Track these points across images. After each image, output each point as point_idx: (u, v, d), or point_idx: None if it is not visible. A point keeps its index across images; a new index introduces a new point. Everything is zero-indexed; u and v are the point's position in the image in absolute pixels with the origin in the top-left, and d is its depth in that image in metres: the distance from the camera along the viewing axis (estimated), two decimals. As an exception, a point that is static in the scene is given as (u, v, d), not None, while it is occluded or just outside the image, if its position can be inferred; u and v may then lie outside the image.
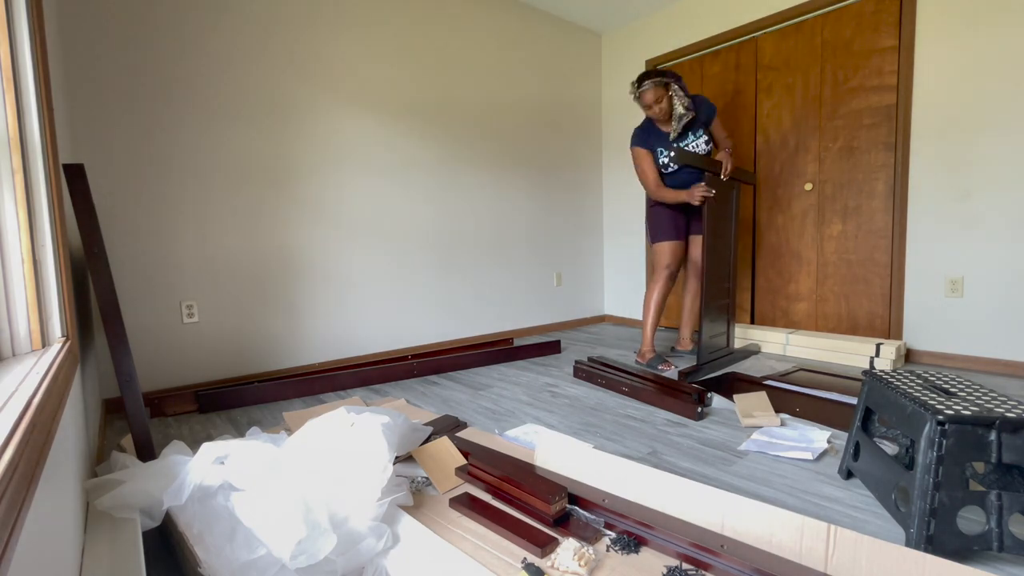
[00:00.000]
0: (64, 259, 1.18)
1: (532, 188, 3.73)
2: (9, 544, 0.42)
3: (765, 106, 3.24)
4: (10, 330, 0.95)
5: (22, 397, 0.65)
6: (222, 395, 2.16)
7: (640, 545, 1.07)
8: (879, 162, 2.79)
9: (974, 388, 1.19)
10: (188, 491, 1.12)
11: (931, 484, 1.03)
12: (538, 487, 1.18)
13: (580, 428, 1.87)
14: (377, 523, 1.08)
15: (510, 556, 1.04)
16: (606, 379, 2.34)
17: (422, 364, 2.63)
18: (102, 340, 2.16)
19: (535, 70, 3.69)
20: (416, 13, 3.04)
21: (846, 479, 1.41)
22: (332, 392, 2.37)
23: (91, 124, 2.09)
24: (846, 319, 2.99)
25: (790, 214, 3.18)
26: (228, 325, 2.46)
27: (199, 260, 2.37)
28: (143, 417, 1.50)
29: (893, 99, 2.72)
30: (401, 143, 3.02)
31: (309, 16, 2.64)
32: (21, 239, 0.95)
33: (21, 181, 0.96)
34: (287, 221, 2.61)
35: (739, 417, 1.89)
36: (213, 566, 0.94)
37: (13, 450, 0.49)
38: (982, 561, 1.06)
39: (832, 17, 2.92)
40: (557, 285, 3.96)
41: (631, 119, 3.98)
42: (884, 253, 2.81)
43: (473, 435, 1.71)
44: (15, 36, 0.98)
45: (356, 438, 1.23)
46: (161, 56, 2.23)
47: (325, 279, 2.75)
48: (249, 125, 2.47)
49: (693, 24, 3.53)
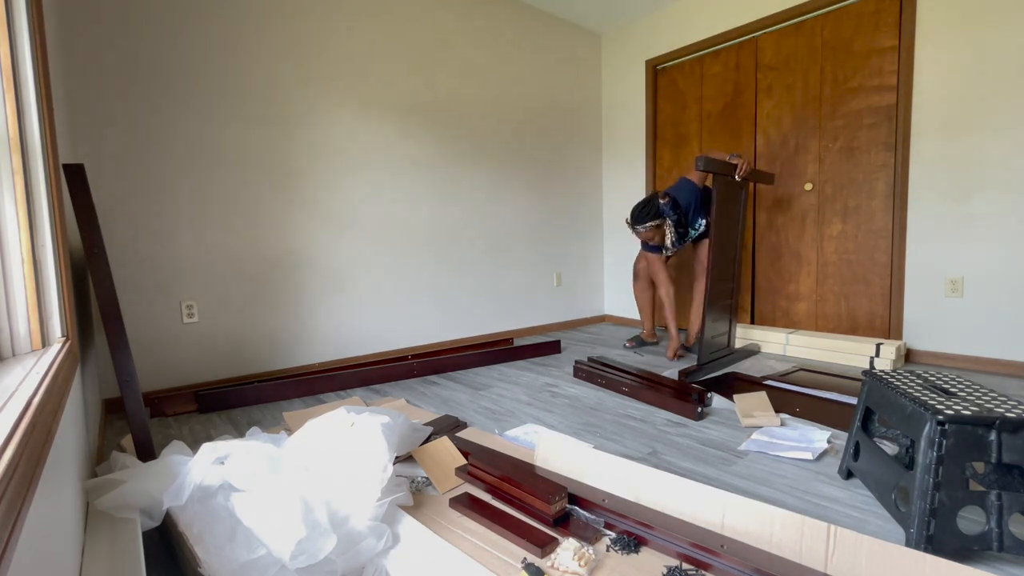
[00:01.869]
0: (64, 259, 1.18)
1: (532, 188, 3.73)
2: (9, 544, 0.42)
3: (765, 106, 3.24)
4: (10, 330, 0.95)
5: (22, 397, 0.65)
6: (222, 395, 2.16)
7: (640, 545, 1.07)
8: (879, 162, 2.79)
9: (974, 388, 1.19)
10: (188, 491, 1.12)
11: (931, 484, 1.03)
12: (538, 487, 1.18)
13: (580, 428, 1.87)
14: (377, 523, 1.08)
15: (510, 556, 1.04)
16: (606, 379, 2.34)
17: (422, 364, 2.63)
18: (102, 340, 2.16)
19: (535, 70, 3.69)
20: (416, 12, 3.04)
21: (846, 479, 1.41)
22: (332, 392, 2.37)
23: (91, 124, 2.09)
24: (846, 319, 2.99)
25: (790, 214, 3.18)
26: (228, 325, 2.46)
27: (199, 260, 2.37)
28: (143, 417, 1.50)
29: (893, 99, 2.72)
30: (401, 142, 3.02)
31: (309, 19, 2.64)
32: (21, 239, 0.95)
33: (21, 181, 0.96)
34: (287, 221, 2.61)
35: (739, 417, 1.89)
36: (213, 566, 0.94)
37: (13, 450, 0.49)
38: (982, 561, 1.06)
39: (832, 17, 2.92)
40: (557, 285, 3.96)
41: (631, 119, 3.98)
42: (884, 253, 2.81)
43: (473, 435, 1.71)
44: (15, 36, 0.98)
45: (356, 438, 1.23)
46: (161, 56, 2.23)
47: (325, 279, 2.75)
48: (249, 125, 2.47)
49: (693, 24, 3.53)
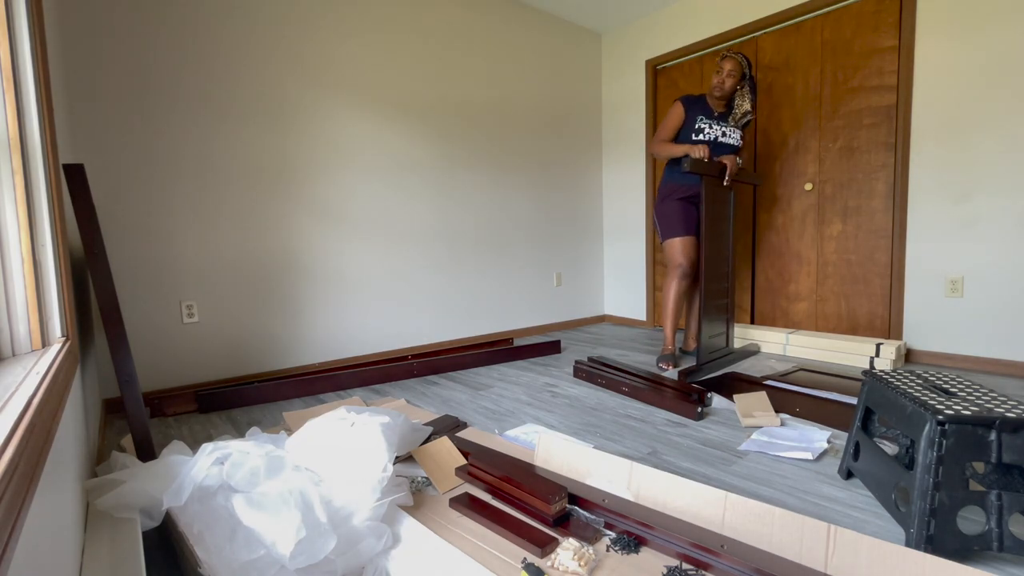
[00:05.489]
0: (64, 259, 1.18)
1: (532, 188, 3.73)
2: (9, 544, 0.42)
3: (765, 106, 3.24)
4: (10, 330, 0.95)
5: (22, 397, 0.65)
6: (222, 395, 2.16)
7: (640, 545, 1.07)
8: (879, 162, 2.79)
9: (974, 388, 1.19)
10: (188, 491, 1.12)
11: (931, 484, 1.03)
12: (538, 487, 1.18)
13: (580, 428, 1.87)
14: (377, 523, 1.08)
15: (510, 556, 1.04)
16: (606, 379, 2.34)
17: (422, 364, 2.63)
18: (102, 340, 2.16)
19: (535, 70, 3.69)
20: (416, 13, 3.04)
21: (846, 479, 1.41)
22: (332, 392, 2.37)
23: (91, 124, 2.09)
24: (846, 319, 2.99)
25: (790, 214, 3.18)
26: (228, 325, 2.46)
27: (199, 260, 2.37)
28: (143, 417, 1.50)
29: (893, 99, 2.72)
30: (401, 143, 3.02)
31: (308, 16, 2.64)
32: (21, 239, 0.95)
33: (21, 181, 0.95)
34: (287, 221, 2.61)
35: (739, 417, 1.89)
36: (213, 566, 0.94)
37: (13, 450, 0.49)
38: (982, 561, 1.06)
39: (832, 17, 2.92)
40: (557, 285, 3.96)
41: (631, 119, 3.98)
42: (884, 253, 2.81)
43: (473, 435, 1.71)
44: (15, 36, 0.98)
45: (356, 438, 1.23)
46: (161, 56, 2.23)
47: (325, 279, 2.75)
48: (249, 125, 2.47)
49: (693, 24, 3.53)
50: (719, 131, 2.62)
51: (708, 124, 2.61)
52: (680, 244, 2.68)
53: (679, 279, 2.70)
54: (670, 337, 2.77)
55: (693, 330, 2.98)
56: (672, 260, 2.72)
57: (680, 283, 2.70)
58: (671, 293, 2.71)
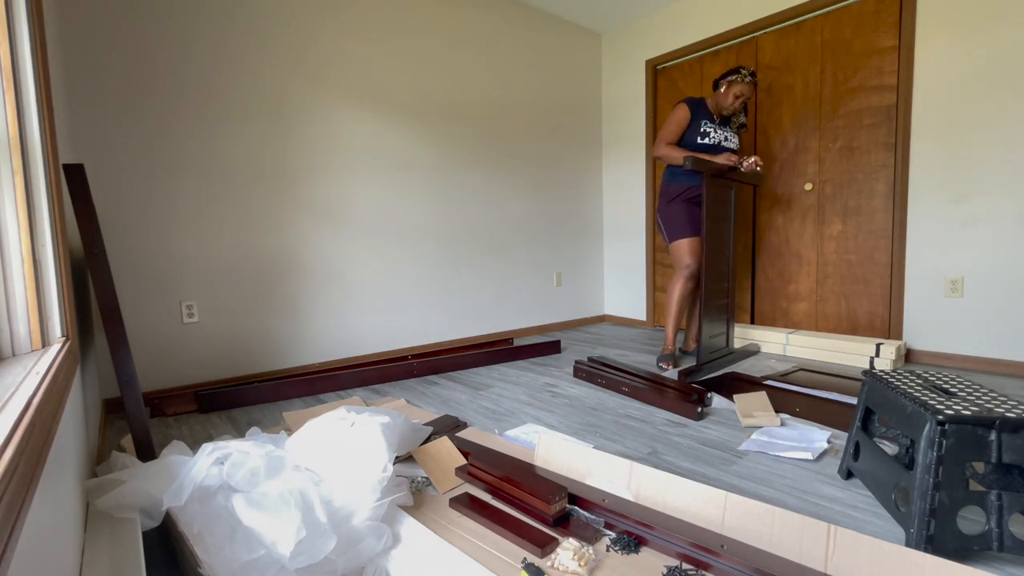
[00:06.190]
0: (64, 259, 1.18)
1: (532, 188, 3.73)
2: (9, 544, 0.42)
3: (765, 106, 3.24)
4: (10, 330, 0.95)
5: (22, 397, 0.65)
6: (222, 395, 2.16)
7: (640, 545, 1.07)
8: (879, 162, 2.79)
9: (974, 388, 1.19)
10: (188, 491, 1.12)
11: (931, 484, 1.03)
12: (538, 487, 1.18)
13: (580, 428, 1.87)
14: (377, 523, 1.08)
15: (510, 556, 1.04)
16: (606, 379, 2.34)
17: (422, 364, 2.63)
18: (102, 340, 2.16)
19: (535, 70, 3.69)
20: (416, 13, 3.04)
21: (846, 479, 1.41)
22: (332, 392, 2.37)
23: (91, 124, 2.09)
24: (846, 319, 2.98)
25: (790, 214, 3.18)
26: (228, 325, 2.46)
27: (199, 260, 2.37)
28: (143, 417, 1.50)
29: (893, 99, 2.72)
30: (401, 143, 3.02)
31: (309, 16, 2.64)
32: (21, 239, 0.95)
33: (21, 181, 0.96)
34: (287, 221, 2.61)
35: (739, 417, 1.89)
36: (213, 566, 0.94)
37: (13, 450, 0.49)
38: (982, 561, 1.06)
39: (832, 17, 2.92)
40: (557, 285, 3.96)
41: (631, 119, 3.98)
42: (884, 253, 2.81)
43: (473, 435, 1.71)
44: (15, 36, 0.98)
45: (356, 438, 1.23)
46: (161, 56, 2.23)
47: (325, 279, 2.75)
48: (249, 125, 2.47)
49: (693, 24, 3.53)
50: (721, 135, 2.70)
51: (712, 128, 2.67)
52: (688, 245, 2.69)
53: (685, 280, 2.70)
54: (671, 337, 2.78)
55: (694, 330, 2.98)
56: (680, 261, 2.72)
57: (686, 284, 2.71)
58: (675, 294, 2.72)
